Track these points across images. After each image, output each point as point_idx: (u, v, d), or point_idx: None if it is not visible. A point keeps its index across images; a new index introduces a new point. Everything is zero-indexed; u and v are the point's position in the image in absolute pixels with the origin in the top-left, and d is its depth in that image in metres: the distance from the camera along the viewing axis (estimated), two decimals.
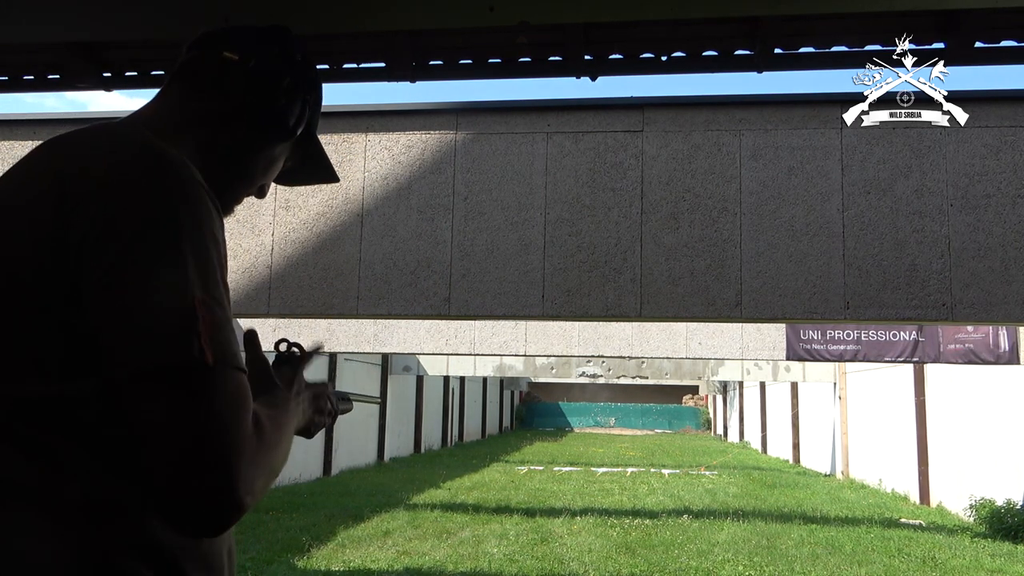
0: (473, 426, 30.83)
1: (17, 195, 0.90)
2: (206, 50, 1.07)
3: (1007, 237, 3.70)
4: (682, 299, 3.81)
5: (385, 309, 3.97)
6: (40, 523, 0.80)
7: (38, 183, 0.89)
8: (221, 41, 1.07)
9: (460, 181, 4.04)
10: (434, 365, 18.89)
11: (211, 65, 1.05)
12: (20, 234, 0.86)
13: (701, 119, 3.95)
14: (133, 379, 0.79)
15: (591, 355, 10.78)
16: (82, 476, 0.82)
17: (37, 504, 0.81)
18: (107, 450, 0.84)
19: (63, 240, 0.83)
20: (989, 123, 3.78)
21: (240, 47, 1.06)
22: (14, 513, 0.81)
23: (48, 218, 0.84)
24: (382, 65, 2.66)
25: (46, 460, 0.82)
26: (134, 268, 0.81)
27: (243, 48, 1.06)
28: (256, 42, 1.08)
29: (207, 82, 1.05)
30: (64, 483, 0.82)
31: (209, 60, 1.06)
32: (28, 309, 0.84)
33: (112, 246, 0.82)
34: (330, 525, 10.07)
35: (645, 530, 10.20)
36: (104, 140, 0.93)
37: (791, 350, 10.78)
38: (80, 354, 0.83)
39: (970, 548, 9.36)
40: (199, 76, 1.05)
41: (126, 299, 0.81)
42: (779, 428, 24.18)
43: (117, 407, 0.82)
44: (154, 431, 0.79)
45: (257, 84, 1.06)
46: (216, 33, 1.09)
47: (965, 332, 10.40)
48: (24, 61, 2.70)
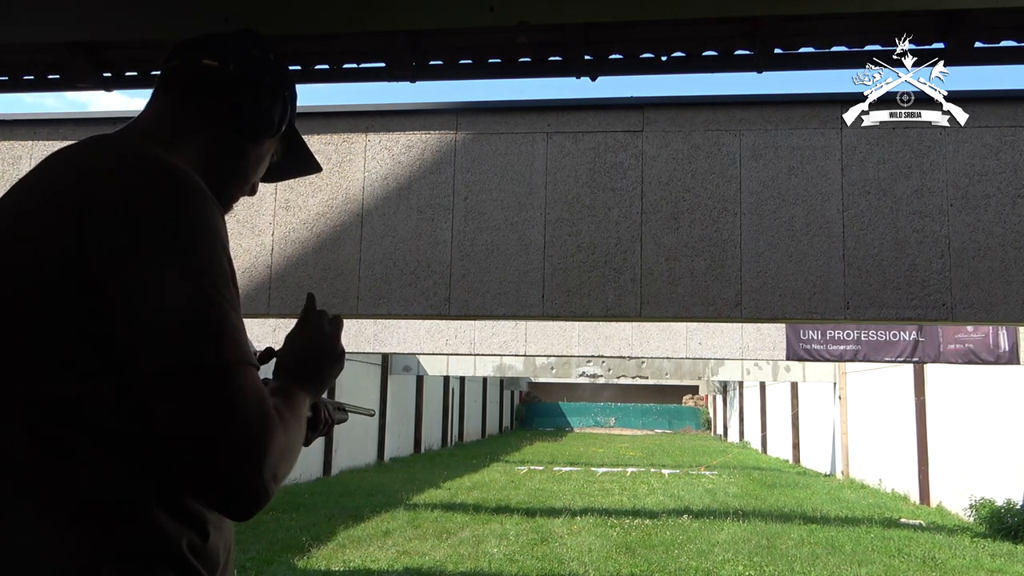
0: (473, 426, 30.83)
1: (33, 205, 0.95)
2: (185, 60, 1.12)
3: (1007, 237, 3.70)
4: (682, 299, 3.81)
5: (385, 309, 3.97)
6: (56, 517, 0.84)
7: (53, 195, 0.93)
8: (198, 49, 1.12)
9: (460, 181, 4.04)
10: (434, 365, 18.88)
11: (193, 73, 1.11)
12: (38, 242, 0.90)
13: (701, 119, 3.95)
14: (158, 376, 0.84)
15: (591, 355, 10.78)
16: (97, 472, 0.86)
17: (54, 499, 0.85)
18: (122, 447, 0.87)
19: (81, 249, 0.87)
20: (989, 123, 3.78)
21: (218, 54, 1.11)
22: (31, 507, 0.84)
23: (65, 229, 0.89)
24: (382, 65, 2.65)
25: (63, 456, 0.86)
26: (154, 274, 0.86)
27: (221, 54, 1.11)
28: (232, 47, 1.13)
29: (192, 90, 1.10)
30: (79, 478, 0.86)
31: (191, 69, 1.11)
32: (47, 313, 0.88)
33: (131, 255, 0.87)
34: (330, 525, 10.07)
35: (645, 530, 10.20)
36: (112, 153, 0.98)
37: (791, 350, 10.79)
38: (97, 355, 0.87)
39: (970, 548, 9.36)
40: (184, 85, 1.11)
41: (148, 303, 0.86)
42: (779, 428, 24.18)
43: (136, 405, 0.86)
44: (182, 425, 0.84)
45: (241, 86, 1.11)
46: (191, 43, 1.14)
47: (965, 332, 10.40)
48: (24, 61, 2.69)
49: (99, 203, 0.89)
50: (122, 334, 0.86)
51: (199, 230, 0.91)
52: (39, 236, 0.90)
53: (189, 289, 0.86)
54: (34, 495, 0.85)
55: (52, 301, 0.88)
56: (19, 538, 0.84)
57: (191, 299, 0.86)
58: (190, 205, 0.92)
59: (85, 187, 0.91)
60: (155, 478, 0.87)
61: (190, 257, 0.88)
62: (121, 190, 0.90)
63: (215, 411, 0.84)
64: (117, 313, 0.86)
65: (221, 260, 0.91)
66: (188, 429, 0.84)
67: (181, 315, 0.85)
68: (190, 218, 0.91)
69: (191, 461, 0.84)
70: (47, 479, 0.85)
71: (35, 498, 0.85)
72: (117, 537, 0.85)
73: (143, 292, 0.86)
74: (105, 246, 0.87)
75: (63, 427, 0.86)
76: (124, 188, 0.91)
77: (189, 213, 0.91)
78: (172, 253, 0.88)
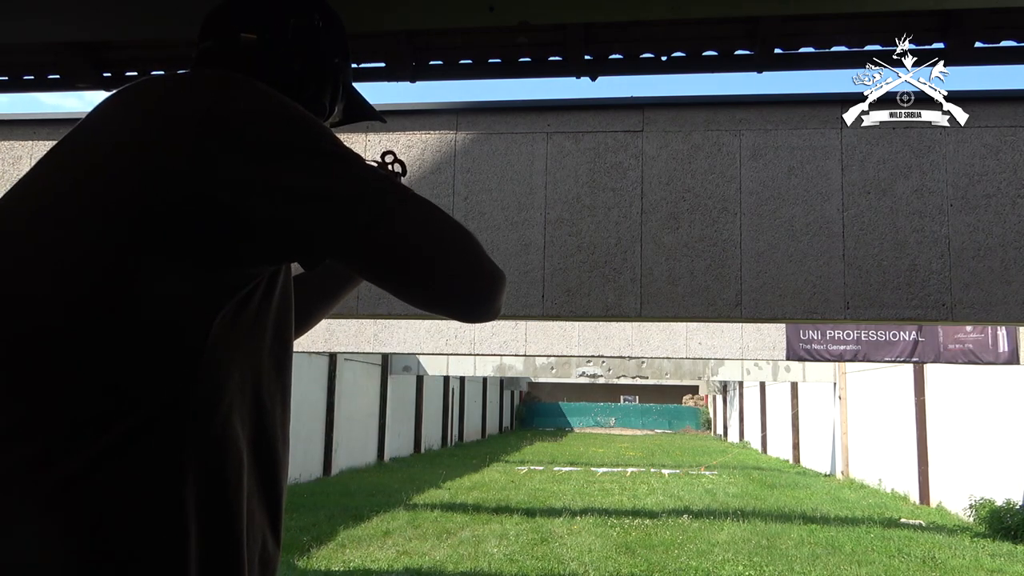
0: (473, 426, 30.82)
1: (125, 135, 0.91)
2: (220, 36, 1.07)
3: (1007, 237, 3.70)
4: (682, 299, 3.81)
5: (385, 309, 3.97)
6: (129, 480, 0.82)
7: (145, 122, 0.91)
8: (231, 21, 1.07)
9: (460, 181, 4.04)
10: (434, 365, 18.88)
11: (232, 51, 1.06)
12: (147, 160, 0.87)
13: (701, 119, 3.95)
14: (371, 227, 0.89)
15: (591, 355, 10.78)
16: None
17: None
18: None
19: (214, 179, 0.86)
20: (989, 123, 3.78)
21: (254, 25, 1.07)
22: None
23: (185, 167, 0.86)
24: (382, 65, 2.65)
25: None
26: (314, 164, 0.89)
27: (258, 25, 1.07)
28: (268, 14, 1.08)
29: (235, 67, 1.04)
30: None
31: (229, 46, 1.06)
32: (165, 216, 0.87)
33: (285, 161, 0.88)
34: (330, 525, 10.07)
35: (645, 530, 10.20)
36: (210, 80, 0.95)
37: (791, 350, 10.78)
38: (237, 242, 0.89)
39: (970, 548, 9.36)
40: (225, 63, 1.06)
41: (324, 182, 0.89)
42: (779, 428, 24.18)
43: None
44: (417, 252, 0.91)
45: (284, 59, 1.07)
46: (221, 15, 1.08)
47: (965, 332, 10.40)
48: (24, 61, 2.69)
49: (221, 129, 0.88)
50: (308, 226, 0.88)
51: (312, 122, 0.93)
52: (146, 155, 0.88)
53: (341, 160, 0.91)
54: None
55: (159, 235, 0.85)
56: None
57: (350, 166, 0.91)
58: (296, 108, 0.93)
59: (201, 117, 0.88)
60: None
61: (325, 143, 0.91)
62: (242, 112, 0.90)
63: (435, 231, 0.91)
64: (292, 209, 0.87)
65: (337, 140, 0.95)
66: (424, 252, 0.91)
67: (355, 181, 0.90)
68: (305, 116, 0.93)
69: (440, 279, 0.92)
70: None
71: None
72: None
73: (314, 177, 0.88)
74: (249, 169, 0.87)
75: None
76: (244, 109, 0.90)
77: (300, 112, 0.93)
78: (314, 145, 0.90)
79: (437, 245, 0.91)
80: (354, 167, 0.92)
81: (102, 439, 0.80)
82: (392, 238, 0.90)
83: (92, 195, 0.87)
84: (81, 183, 0.89)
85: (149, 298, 0.84)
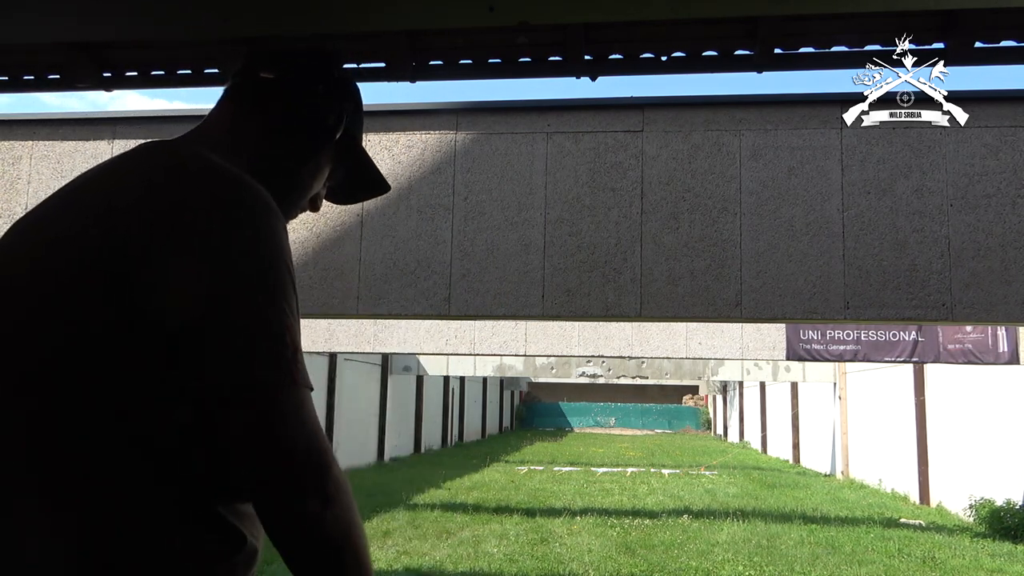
0: (473, 426, 30.82)
1: (95, 225, 0.94)
2: (246, 74, 1.18)
3: (1007, 237, 3.70)
4: (682, 299, 3.81)
5: (385, 309, 3.97)
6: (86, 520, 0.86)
7: (124, 209, 0.94)
8: (258, 63, 1.18)
9: (460, 181, 4.04)
10: (434, 365, 18.88)
11: (252, 86, 1.16)
12: (103, 267, 0.90)
13: (701, 119, 3.95)
14: (235, 392, 0.89)
15: (591, 355, 10.78)
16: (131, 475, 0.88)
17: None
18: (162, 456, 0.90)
19: (158, 267, 0.89)
20: (989, 123, 3.78)
21: (277, 67, 1.18)
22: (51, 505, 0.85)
23: (132, 250, 0.90)
24: (382, 65, 2.65)
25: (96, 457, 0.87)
26: (237, 296, 0.90)
27: (279, 68, 1.18)
28: (291, 61, 1.19)
29: (249, 101, 1.16)
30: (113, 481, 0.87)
31: (250, 82, 1.17)
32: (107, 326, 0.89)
33: (214, 278, 0.89)
34: None
35: (645, 530, 10.20)
36: (189, 169, 0.99)
37: (791, 350, 10.79)
38: (155, 362, 0.90)
39: (970, 548, 9.36)
40: (245, 97, 1.16)
41: (232, 322, 0.89)
42: (779, 428, 24.18)
43: (193, 416, 0.90)
44: (253, 441, 0.89)
45: (292, 94, 1.16)
46: (256, 56, 1.20)
47: (965, 332, 10.40)
48: (24, 61, 2.69)
49: (171, 224, 0.91)
50: (202, 351, 0.88)
51: (275, 256, 0.94)
52: (102, 257, 0.91)
53: (269, 313, 0.91)
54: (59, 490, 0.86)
55: (113, 314, 0.89)
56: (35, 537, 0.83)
57: (271, 323, 0.91)
58: (266, 229, 0.95)
59: (161, 209, 0.92)
60: (183, 484, 0.90)
61: (268, 282, 0.92)
62: (194, 215, 0.92)
63: (287, 428, 0.91)
64: (202, 333, 0.88)
65: (289, 283, 0.95)
66: (258, 443, 0.89)
67: (260, 337, 0.90)
68: (268, 243, 0.94)
69: (260, 475, 0.90)
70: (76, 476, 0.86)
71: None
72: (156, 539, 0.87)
73: (226, 314, 0.89)
74: (186, 270, 0.89)
75: (109, 434, 0.87)
76: (196, 211, 0.92)
77: (266, 237, 0.94)
78: (252, 278, 0.91)
79: (293, 443, 0.93)
80: (288, 334, 0.94)
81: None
82: (259, 411, 0.91)
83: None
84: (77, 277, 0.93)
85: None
